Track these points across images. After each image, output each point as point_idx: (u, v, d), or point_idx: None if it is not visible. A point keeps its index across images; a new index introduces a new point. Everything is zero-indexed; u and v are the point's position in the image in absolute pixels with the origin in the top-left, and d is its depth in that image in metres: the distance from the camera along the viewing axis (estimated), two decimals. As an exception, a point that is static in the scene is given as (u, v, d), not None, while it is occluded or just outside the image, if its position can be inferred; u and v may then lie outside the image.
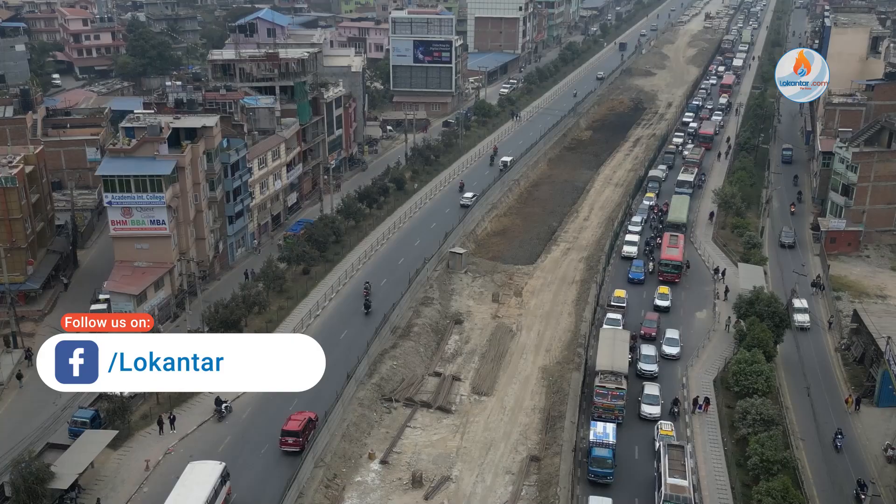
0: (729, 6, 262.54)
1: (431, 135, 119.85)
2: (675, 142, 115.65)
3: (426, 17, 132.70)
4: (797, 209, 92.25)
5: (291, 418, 52.12)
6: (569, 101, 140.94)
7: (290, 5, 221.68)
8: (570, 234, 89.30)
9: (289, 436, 51.19)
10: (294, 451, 50.59)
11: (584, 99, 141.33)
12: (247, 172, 78.17)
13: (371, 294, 70.68)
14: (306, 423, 51.83)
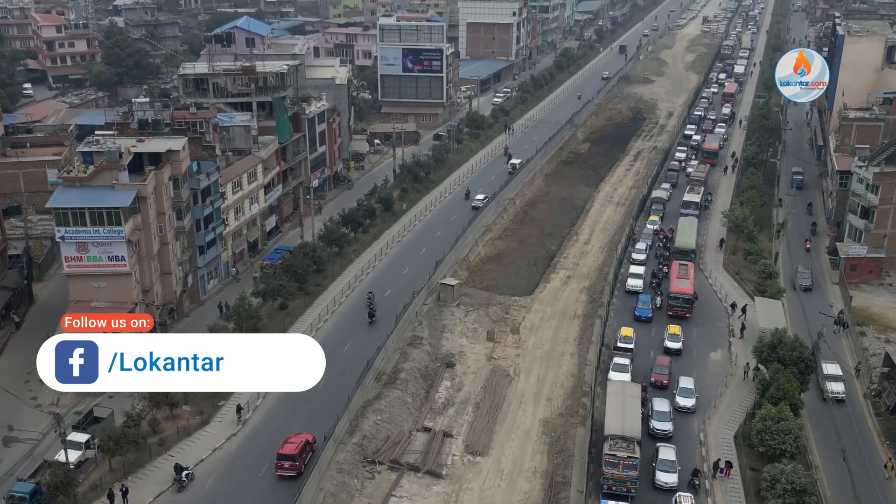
0: (726, 9, 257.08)
1: (422, 149, 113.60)
2: (678, 157, 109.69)
3: (415, 24, 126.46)
4: (813, 243, 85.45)
5: (288, 441, 49.92)
6: (565, 111, 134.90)
7: (277, 10, 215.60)
8: (570, 259, 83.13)
9: (285, 460, 48.86)
10: (291, 476, 48.19)
11: (582, 109, 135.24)
12: (219, 198, 71.79)
13: (375, 303, 68.69)
14: (303, 446, 49.63)
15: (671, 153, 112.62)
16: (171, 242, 65.28)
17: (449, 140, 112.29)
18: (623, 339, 62.87)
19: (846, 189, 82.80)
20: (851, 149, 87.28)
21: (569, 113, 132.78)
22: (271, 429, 53.71)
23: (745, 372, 59.34)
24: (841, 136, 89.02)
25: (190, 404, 54.72)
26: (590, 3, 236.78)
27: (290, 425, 53.16)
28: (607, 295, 71.81)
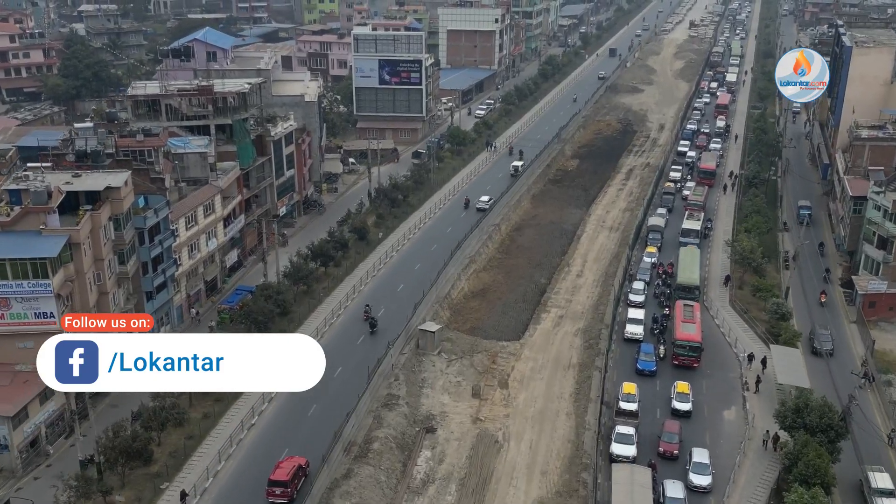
0: (713, 13, 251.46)
1: (400, 168, 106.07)
2: (673, 177, 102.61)
3: (392, 34, 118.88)
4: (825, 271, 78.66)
5: (279, 465, 48.27)
6: (552, 124, 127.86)
7: (250, 15, 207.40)
8: (562, 295, 75.85)
9: (276, 486, 46.92)
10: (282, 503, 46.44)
11: (569, 122, 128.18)
12: (170, 236, 63.87)
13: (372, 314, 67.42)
14: (295, 471, 47.65)
15: (665, 172, 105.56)
16: (111, 291, 57.32)
17: (429, 158, 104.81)
18: (625, 398, 55.63)
19: (860, 216, 76.14)
20: (864, 171, 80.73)
21: (555, 126, 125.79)
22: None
23: (764, 442, 52.16)
24: (852, 157, 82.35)
25: (126, 491, 46.93)
26: (574, 8, 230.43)
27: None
28: (605, 342, 64.48)
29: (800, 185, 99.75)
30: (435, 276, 74.70)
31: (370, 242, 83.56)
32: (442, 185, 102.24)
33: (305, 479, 48.08)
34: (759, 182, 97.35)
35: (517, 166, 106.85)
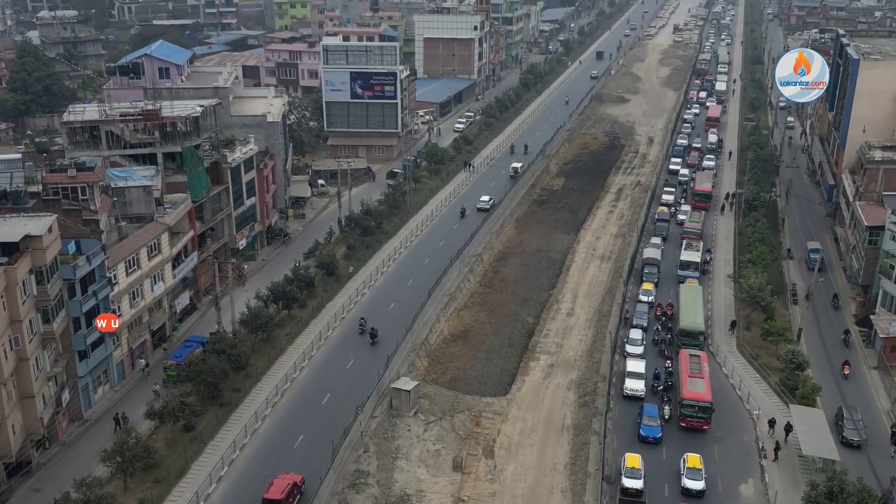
0: (696, 16, 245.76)
1: (375, 189, 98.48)
2: (666, 200, 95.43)
3: (365, 45, 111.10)
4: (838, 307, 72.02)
5: (273, 483, 46.63)
6: (534, 138, 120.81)
7: (218, 20, 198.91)
8: (552, 338, 68.52)
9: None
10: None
11: (553, 137, 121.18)
12: (106, 285, 55.86)
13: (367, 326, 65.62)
14: (290, 489, 46.15)
15: (657, 194, 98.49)
16: (32, 356, 49.29)
17: (405, 179, 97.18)
18: (629, 473, 48.39)
19: (876, 248, 69.48)
20: (878, 196, 74.24)
21: (539, 140, 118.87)
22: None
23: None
24: (865, 181, 75.70)
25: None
26: (555, 12, 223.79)
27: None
28: (602, 399, 57.15)
29: (802, 206, 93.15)
30: (410, 320, 67.13)
31: (340, 278, 75.87)
32: (419, 208, 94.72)
33: (301, 496, 46.82)
34: (758, 204, 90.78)
35: (517, 167, 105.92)
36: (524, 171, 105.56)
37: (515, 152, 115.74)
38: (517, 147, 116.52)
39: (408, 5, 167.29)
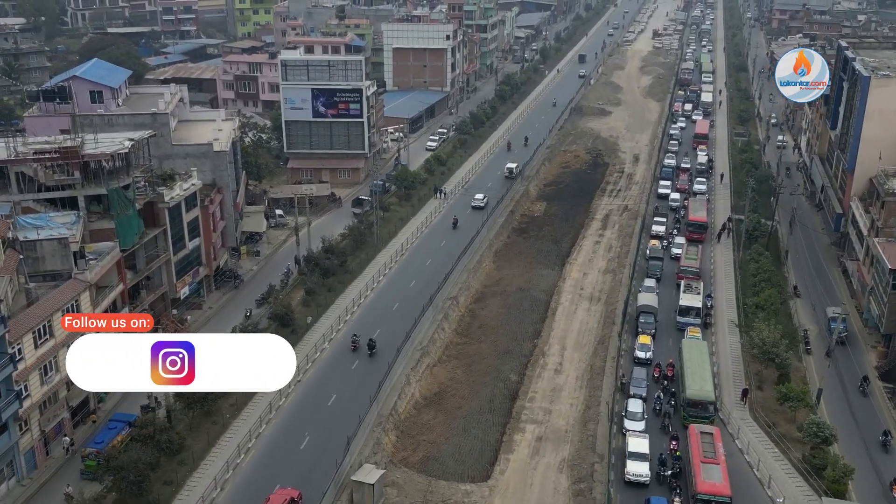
0: (675, 20, 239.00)
1: (338, 221, 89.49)
2: (657, 231, 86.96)
3: (327, 58, 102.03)
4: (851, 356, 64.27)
5: (270, 499, 45.65)
6: (513, 156, 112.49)
7: (176, 28, 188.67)
8: (539, 402, 59.95)
9: None
10: None
11: (532, 156, 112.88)
12: (7, 363, 46.39)
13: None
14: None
15: (646, 223, 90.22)
16: None
17: (372, 208, 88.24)
18: None
19: (900, 293, 61.79)
20: (898, 232, 66.66)
21: (519, 158, 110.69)
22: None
23: None
24: (884, 216, 67.97)
25: None
26: (530, 17, 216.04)
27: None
28: (601, 487, 48.64)
29: (806, 234, 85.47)
30: (376, 387, 58.27)
31: (296, 330, 66.64)
32: (388, 240, 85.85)
33: None
34: (759, 234, 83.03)
35: (511, 168, 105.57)
36: (520, 170, 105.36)
37: (512, 149, 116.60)
38: (514, 143, 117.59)
39: (376, 12, 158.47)
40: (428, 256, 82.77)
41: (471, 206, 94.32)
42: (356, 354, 64.05)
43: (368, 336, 64.86)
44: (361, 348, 64.16)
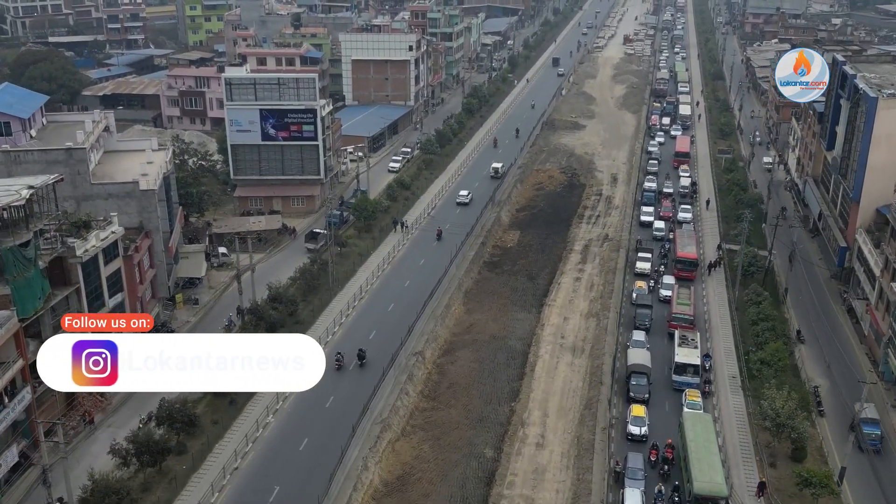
0: (646, 24, 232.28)
1: (291, 260, 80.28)
2: (642, 269, 78.42)
3: (277, 76, 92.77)
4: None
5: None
6: (484, 178, 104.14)
7: (123, 37, 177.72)
8: (519, 487, 51.39)
9: None
10: None
11: (504, 177, 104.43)
12: None
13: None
14: None
15: (630, 258, 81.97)
16: None
17: (327, 244, 79.10)
18: None
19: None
20: (919, 276, 59.11)
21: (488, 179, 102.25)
22: None
23: None
24: (902, 258, 60.45)
25: None
26: (497, 22, 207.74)
27: None
28: None
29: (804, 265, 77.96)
30: (328, 477, 49.26)
31: (235, 401, 57.38)
32: (345, 281, 76.80)
33: None
34: (755, 269, 75.38)
35: (497, 168, 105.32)
36: (506, 171, 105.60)
37: (499, 145, 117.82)
38: (501, 139, 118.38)
39: (335, 21, 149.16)
40: (390, 300, 73.95)
41: (455, 202, 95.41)
42: (304, 431, 54.97)
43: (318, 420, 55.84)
44: (313, 424, 55.16)
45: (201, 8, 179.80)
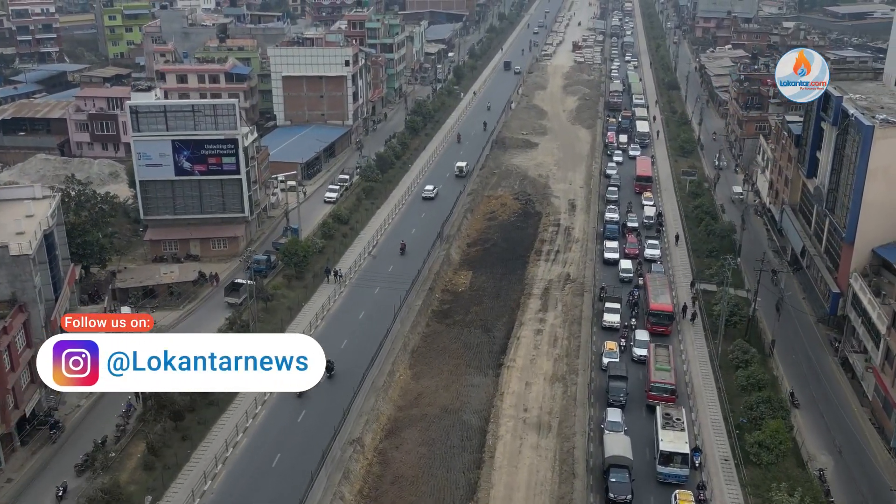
0: (594, 29, 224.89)
1: (203, 325, 69.14)
2: (610, 322, 68.85)
3: (191, 103, 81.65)
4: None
5: None
6: (429, 210, 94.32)
7: (34, 49, 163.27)
8: None
9: None
10: None
11: (452, 209, 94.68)
12: None
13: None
14: None
15: (595, 303, 72.62)
16: None
17: (251, 298, 68.22)
18: None
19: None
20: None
21: (436, 211, 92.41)
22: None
23: None
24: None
25: None
26: (440, 29, 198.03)
27: None
28: None
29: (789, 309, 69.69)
30: None
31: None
32: (272, 342, 65.79)
33: None
34: (738, 319, 66.89)
35: (462, 167, 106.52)
36: (470, 170, 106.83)
37: (462, 141, 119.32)
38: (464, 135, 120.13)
39: (265, 31, 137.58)
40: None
41: (421, 196, 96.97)
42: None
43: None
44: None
45: (122, 17, 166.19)
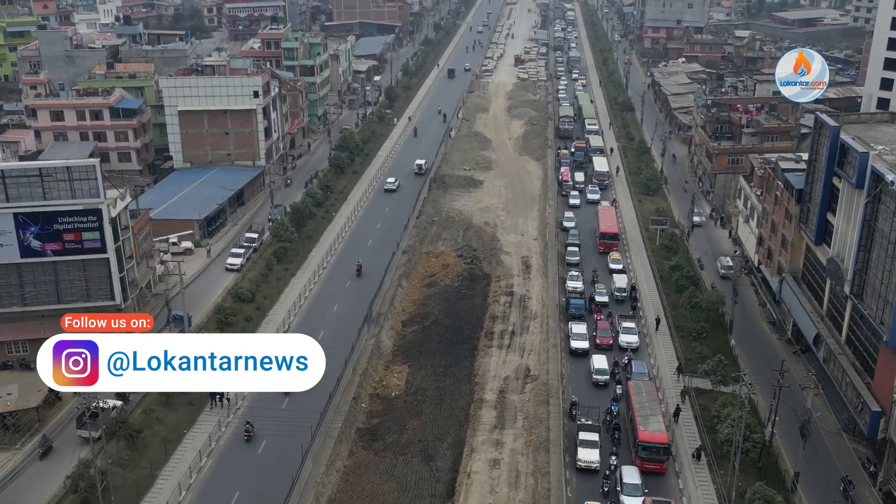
0: (536, 41, 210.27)
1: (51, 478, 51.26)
2: (588, 461, 51.58)
3: (38, 165, 63.37)
4: None
5: None
6: (357, 285, 77.58)
7: None
8: None
9: None
10: None
11: (384, 280, 77.83)
12: None
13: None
14: None
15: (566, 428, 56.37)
16: None
17: (117, 431, 50.42)
18: None
19: None
20: None
21: (366, 287, 75.66)
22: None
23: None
24: None
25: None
26: (371, 42, 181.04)
27: None
28: None
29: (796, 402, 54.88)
30: None
31: None
32: (146, 489, 48.55)
33: None
34: (752, 446, 51.77)
35: (420, 164, 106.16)
36: (429, 167, 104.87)
37: (419, 135, 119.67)
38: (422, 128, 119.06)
39: (164, 54, 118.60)
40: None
41: (384, 189, 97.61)
42: None
43: None
44: None
45: (3, 35, 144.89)
